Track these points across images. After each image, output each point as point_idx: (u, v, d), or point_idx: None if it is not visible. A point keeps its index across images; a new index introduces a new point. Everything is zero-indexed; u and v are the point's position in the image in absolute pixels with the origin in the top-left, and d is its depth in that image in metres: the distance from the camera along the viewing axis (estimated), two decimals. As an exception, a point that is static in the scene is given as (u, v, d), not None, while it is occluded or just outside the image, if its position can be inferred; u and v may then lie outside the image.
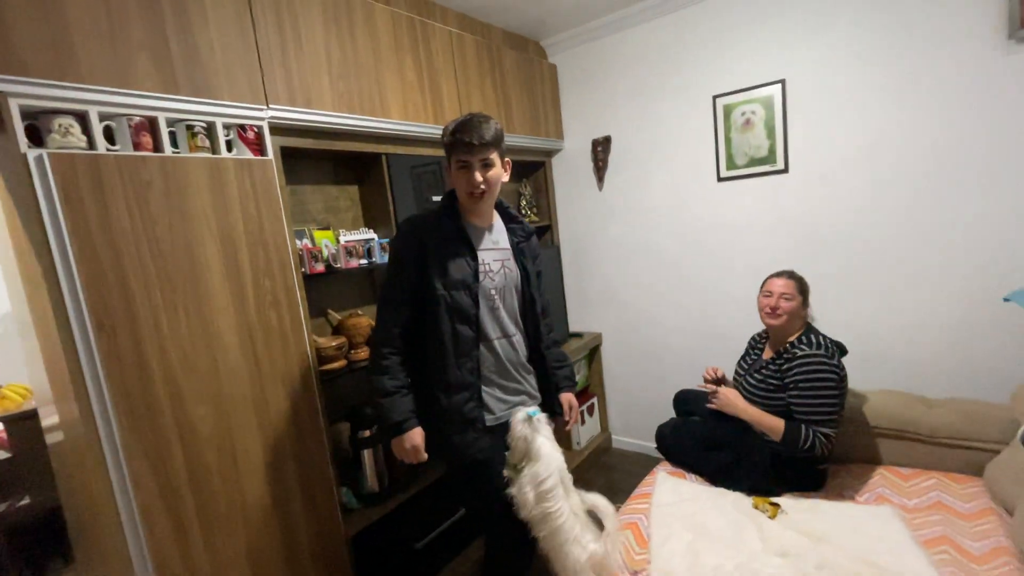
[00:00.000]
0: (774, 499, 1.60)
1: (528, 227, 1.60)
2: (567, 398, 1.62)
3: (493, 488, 1.39)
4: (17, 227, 1.22)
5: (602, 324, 2.92)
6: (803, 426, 1.59)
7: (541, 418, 1.40)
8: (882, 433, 1.80)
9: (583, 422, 2.88)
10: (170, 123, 1.30)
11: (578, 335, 2.92)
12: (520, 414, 1.39)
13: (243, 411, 1.41)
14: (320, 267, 1.75)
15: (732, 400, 1.75)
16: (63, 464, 1.47)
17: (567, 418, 1.63)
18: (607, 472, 2.80)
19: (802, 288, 1.76)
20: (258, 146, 1.49)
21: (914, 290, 1.99)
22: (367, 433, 1.81)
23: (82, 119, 1.16)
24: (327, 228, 1.93)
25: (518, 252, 1.53)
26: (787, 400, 1.66)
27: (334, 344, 1.79)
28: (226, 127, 1.41)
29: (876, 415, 1.81)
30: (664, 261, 2.61)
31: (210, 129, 1.38)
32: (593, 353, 2.99)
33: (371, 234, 1.97)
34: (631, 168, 2.63)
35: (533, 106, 2.61)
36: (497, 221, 1.54)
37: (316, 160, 1.92)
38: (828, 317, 1.89)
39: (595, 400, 2.99)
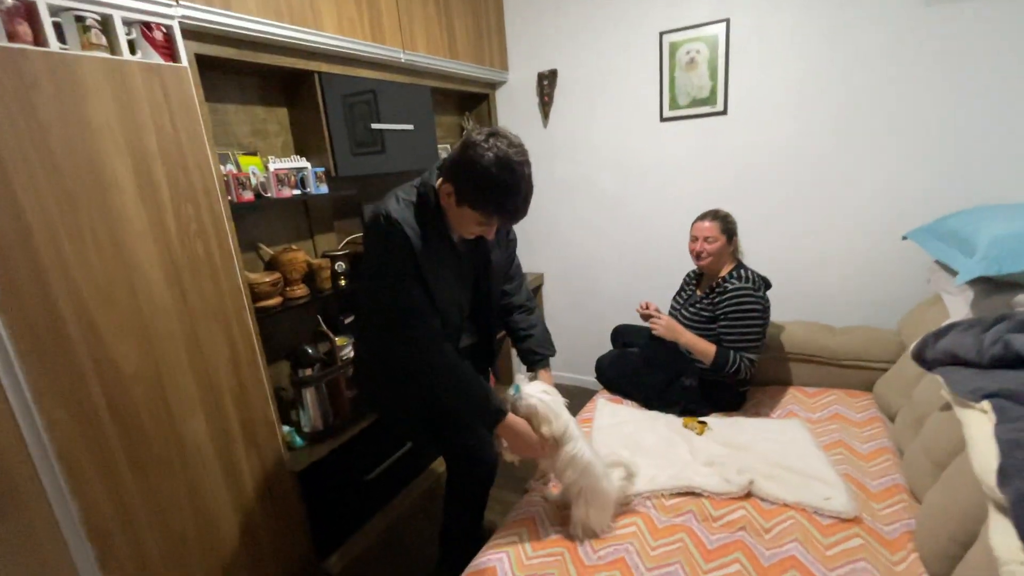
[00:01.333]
0: (701, 418, 1.76)
1: None
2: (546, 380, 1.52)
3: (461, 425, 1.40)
4: None
5: (544, 264, 2.96)
6: (731, 352, 1.73)
7: (524, 386, 1.33)
8: (793, 358, 2.00)
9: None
10: (53, 11, 1.09)
11: (521, 275, 2.94)
12: (510, 394, 1.33)
13: (171, 348, 1.30)
14: (249, 195, 1.60)
15: (672, 326, 1.85)
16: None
17: None
18: (546, 405, 2.93)
19: (726, 227, 1.84)
20: (168, 50, 1.29)
21: (827, 229, 2.17)
22: (308, 372, 1.75)
23: (-66, -5, 0.94)
24: (254, 154, 1.76)
25: (479, 244, 1.37)
26: (717, 330, 1.79)
27: (268, 280, 1.68)
28: (127, 23, 1.21)
29: (789, 343, 2.01)
30: (605, 200, 2.65)
31: (106, 24, 1.17)
32: (534, 293, 3.04)
33: (304, 162, 1.82)
34: (577, 105, 2.59)
35: (478, 32, 2.46)
36: None
37: (240, 75, 1.71)
38: (757, 253, 2.03)
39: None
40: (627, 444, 1.62)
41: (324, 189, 1.83)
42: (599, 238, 2.73)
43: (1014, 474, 0.75)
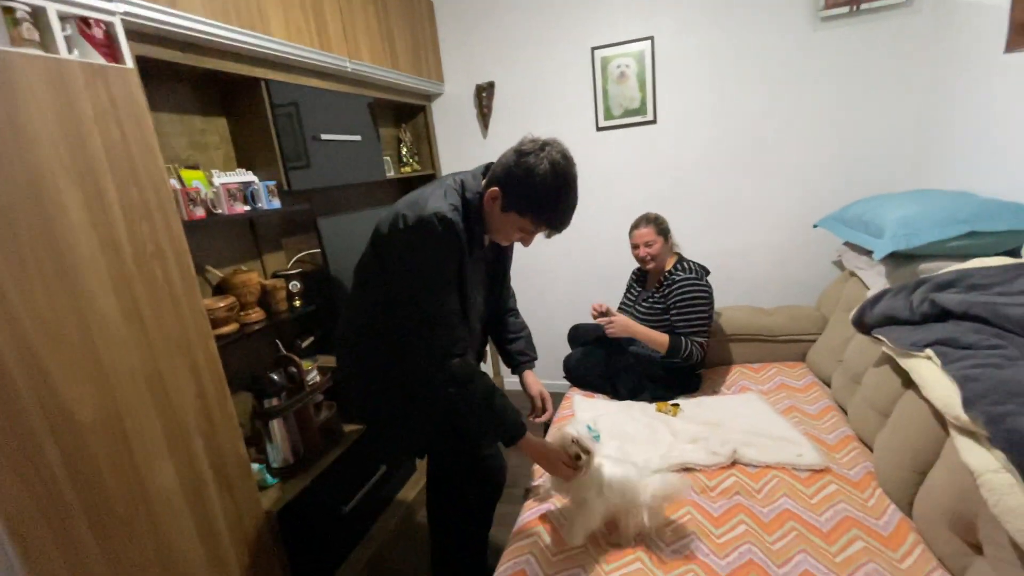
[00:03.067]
0: (673, 401, 1.89)
1: None
2: (534, 386, 1.55)
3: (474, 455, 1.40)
4: None
5: (491, 273, 2.99)
6: (682, 338, 1.88)
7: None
8: (735, 339, 2.22)
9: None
10: (-25, 1, 0.92)
11: (468, 285, 2.94)
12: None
13: (132, 387, 1.13)
14: (200, 212, 1.46)
15: (626, 324, 1.97)
16: None
17: (539, 410, 1.54)
18: (503, 413, 2.94)
19: (660, 228, 2.00)
20: (109, 50, 1.15)
21: (750, 224, 2.46)
22: (275, 401, 1.61)
23: None
24: (196, 167, 1.59)
25: (505, 250, 1.43)
26: (669, 319, 1.94)
27: (223, 305, 1.53)
28: (62, 18, 1.05)
29: (730, 325, 2.23)
30: (549, 208, 2.75)
31: (38, 17, 1.01)
32: (483, 302, 3.04)
33: (250, 176, 1.68)
34: (516, 115, 2.67)
35: (415, 44, 2.45)
36: None
37: (174, 82, 1.55)
38: (692, 247, 2.23)
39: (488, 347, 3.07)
40: (613, 434, 1.68)
41: (277, 204, 1.71)
42: (543, 245, 2.80)
43: (976, 400, 0.92)
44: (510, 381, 3.18)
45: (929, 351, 1.15)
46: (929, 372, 1.13)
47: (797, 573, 1.08)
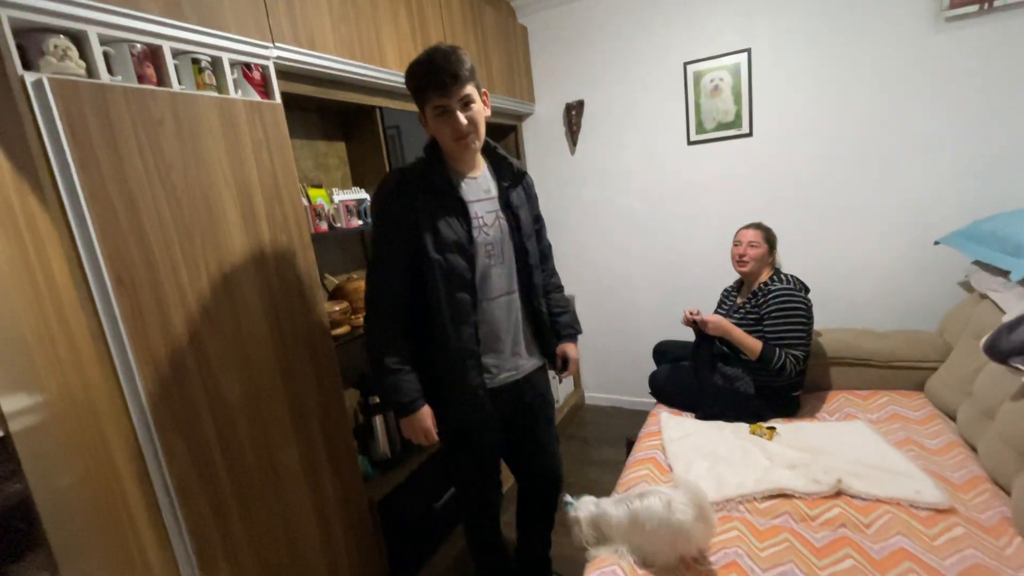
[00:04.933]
0: (768, 424, 1.80)
1: (517, 166, 1.41)
2: (565, 350, 1.54)
3: (477, 461, 1.45)
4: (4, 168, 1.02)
5: (575, 286, 3.01)
6: (776, 348, 1.79)
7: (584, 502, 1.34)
8: (840, 362, 2.07)
9: (559, 382, 2.98)
10: (174, 54, 1.14)
11: (552, 298, 2.99)
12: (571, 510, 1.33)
13: (269, 377, 1.31)
14: (323, 226, 1.65)
15: (720, 322, 1.91)
16: (50, 448, 1.27)
17: (559, 370, 1.58)
18: (582, 426, 2.94)
19: (768, 237, 1.95)
20: (264, 88, 1.35)
21: (859, 240, 2.28)
22: (378, 399, 1.76)
23: (78, 41, 0.99)
24: (319, 186, 1.81)
25: (505, 198, 1.36)
26: (763, 330, 1.85)
27: (339, 309, 1.70)
28: (232, 64, 1.27)
29: (834, 348, 2.07)
30: (636, 222, 2.75)
31: (216, 65, 1.23)
32: (566, 315, 3.08)
33: (363, 193, 1.87)
34: (604, 132, 2.71)
35: (509, 67, 2.58)
36: (485, 166, 1.37)
37: (304, 112, 1.78)
38: (789, 265, 2.12)
39: (568, 360, 3.10)
40: (703, 455, 1.64)
41: (385, 218, 1.88)
42: (630, 259, 2.81)
43: None
44: (591, 395, 3.18)
45: (1083, 383, 1.02)
46: (1083, 407, 1.00)
47: (915, 617, 1.00)
